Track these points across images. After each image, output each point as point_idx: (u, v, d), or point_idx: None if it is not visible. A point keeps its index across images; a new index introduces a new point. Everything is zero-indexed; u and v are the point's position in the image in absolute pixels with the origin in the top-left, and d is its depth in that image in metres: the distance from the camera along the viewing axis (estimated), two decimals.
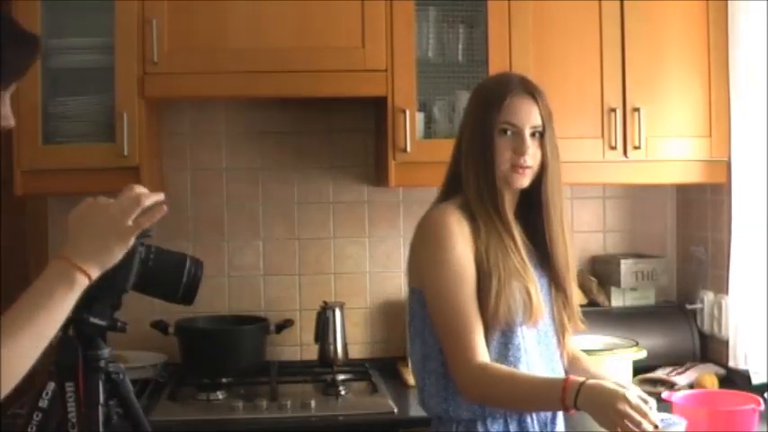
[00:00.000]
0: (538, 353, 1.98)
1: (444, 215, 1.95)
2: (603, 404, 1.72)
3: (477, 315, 1.88)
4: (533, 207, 2.00)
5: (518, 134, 1.95)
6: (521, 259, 1.94)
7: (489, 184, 1.95)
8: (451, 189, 2.02)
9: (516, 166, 1.95)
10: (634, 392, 1.75)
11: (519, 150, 1.94)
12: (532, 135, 1.96)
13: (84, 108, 2.70)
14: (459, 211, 1.95)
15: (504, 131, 1.95)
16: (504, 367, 1.88)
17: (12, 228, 3.00)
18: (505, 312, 1.89)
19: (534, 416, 1.96)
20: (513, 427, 1.94)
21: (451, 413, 1.95)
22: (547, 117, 1.97)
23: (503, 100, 1.95)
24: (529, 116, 1.95)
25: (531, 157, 1.95)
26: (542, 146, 1.96)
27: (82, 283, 1.41)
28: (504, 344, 1.93)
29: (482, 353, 1.87)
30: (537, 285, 1.95)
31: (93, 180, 2.65)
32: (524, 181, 1.96)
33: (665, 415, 1.93)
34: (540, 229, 1.99)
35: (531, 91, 1.97)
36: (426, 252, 1.96)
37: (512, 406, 1.91)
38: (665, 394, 2.31)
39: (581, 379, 1.77)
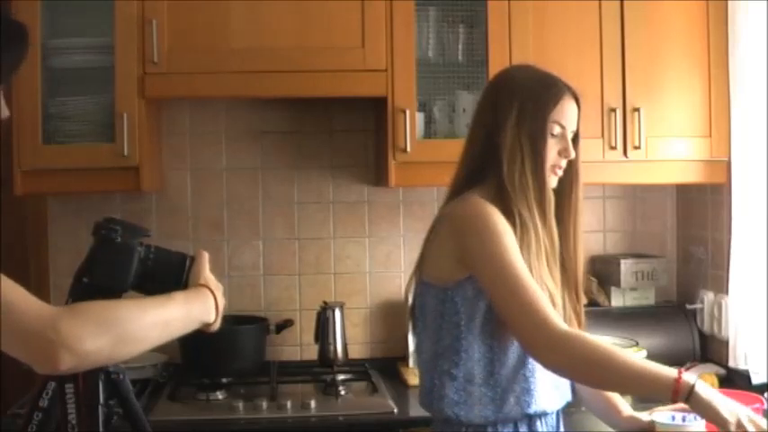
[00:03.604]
0: None
1: (481, 203, 1.88)
2: (719, 414, 1.72)
3: (541, 293, 1.82)
4: (556, 207, 1.97)
5: (563, 136, 1.95)
6: (552, 264, 1.92)
7: (540, 183, 1.92)
8: (469, 183, 1.97)
9: (555, 167, 1.95)
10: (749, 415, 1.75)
11: (565, 152, 1.94)
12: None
13: (84, 108, 2.70)
14: (487, 203, 1.89)
15: (552, 132, 1.93)
16: (597, 340, 1.81)
17: (12, 228, 3.00)
18: None
19: (543, 420, 1.94)
20: (522, 428, 1.91)
21: (462, 417, 1.89)
22: (579, 122, 1.98)
23: (558, 100, 1.93)
24: (573, 120, 1.96)
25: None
26: (576, 150, 1.97)
27: (208, 320, 1.59)
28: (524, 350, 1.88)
29: (564, 323, 1.81)
30: (559, 291, 1.93)
31: (93, 180, 2.66)
32: (555, 181, 1.97)
33: (684, 413, 1.93)
34: (563, 231, 1.97)
35: (576, 96, 1.98)
36: (475, 238, 1.86)
37: (601, 380, 1.83)
38: None
39: (692, 380, 1.74)
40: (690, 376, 1.74)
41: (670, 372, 1.75)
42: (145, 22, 2.62)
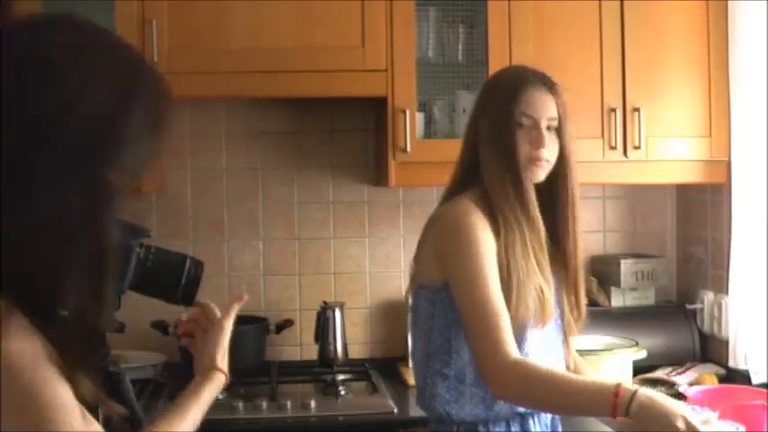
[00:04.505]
0: (543, 357, 1.93)
1: (467, 210, 1.89)
2: (661, 417, 1.68)
3: (506, 310, 1.82)
4: (551, 203, 1.96)
5: (535, 126, 1.91)
6: (542, 258, 1.90)
7: (515, 178, 1.90)
8: (463, 184, 1.98)
9: (533, 159, 1.91)
10: (692, 413, 1.71)
11: (536, 143, 1.90)
12: (548, 128, 1.92)
13: None
14: (476, 207, 1.90)
15: (521, 124, 1.91)
16: (542, 365, 1.81)
17: None
18: (524, 314, 1.85)
19: (537, 418, 1.94)
20: (515, 427, 1.92)
21: (454, 416, 1.91)
22: (563, 110, 1.94)
23: (520, 91, 1.92)
24: (545, 108, 1.92)
25: (549, 150, 1.92)
26: (560, 138, 1.93)
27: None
28: None
29: (515, 349, 1.81)
30: (550, 285, 1.91)
31: None
32: (541, 174, 1.93)
33: (694, 406, 1.94)
34: (560, 226, 1.95)
35: (548, 83, 1.94)
36: (453, 246, 1.89)
37: (548, 407, 1.86)
38: (682, 388, 2.31)
39: (634, 387, 1.72)
40: (628, 390, 1.70)
41: (609, 389, 1.72)
42: (145, 22, 2.62)
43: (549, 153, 1.92)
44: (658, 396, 1.73)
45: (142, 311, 2.68)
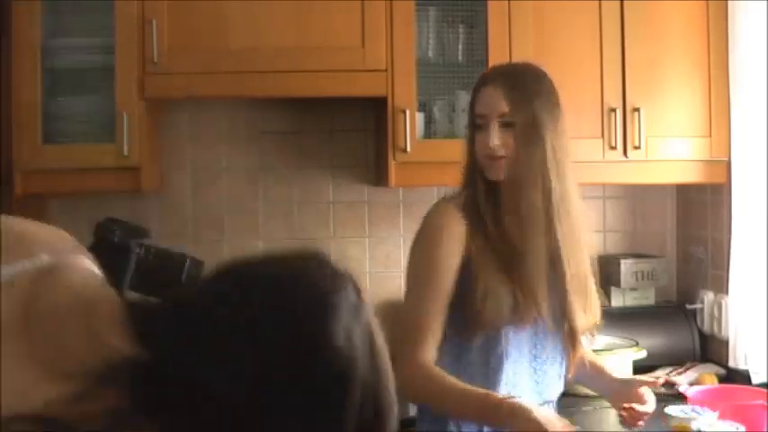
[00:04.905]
0: (528, 358, 1.94)
1: (439, 215, 1.95)
2: (526, 426, 1.73)
3: (433, 318, 1.88)
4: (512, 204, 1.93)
5: (486, 126, 1.90)
6: (504, 257, 1.88)
7: (471, 178, 1.95)
8: (462, 186, 2.01)
9: (485, 157, 1.90)
10: (558, 423, 1.75)
11: (484, 140, 1.89)
12: (507, 125, 1.88)
13: (84, 108, 2.70)
14: (458, 211, 1.92)
15: (478, 125, 1.92)
16: (440, 372, 1.86)
17: None
18: (491, 315, 1.85)
19: None
20: (487, 428, 1.92)
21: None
22: (518, 103, 1.87)
23: (476, 94, 1.95)
24: (494, 105, 1.89)
25: (502, 146, 1.87)
26: (516, 135, 1.88)
27: None
28: (486, 350, 1.91)
29: (425, 354, 1.87)
30: (527, 285, 1.88)
31: (93, 180, 2.66)
32: (498, 172, 1.90)
33: (694, 406, 1.94)
34: (523, 229, 1.89)
35: (499, 78, 1.92)
36: (413, 247, 1.99)
37: (444, 410, 1.91)
38: (682, 388, 2.31)
39: (505, 397, 1.79)
40: (497, 399, 1.79)
41: (484, 397, 1.81)
42: (145, 22, 2.62)
43: (504, 149, 1.88)
44: (529, 406, 1.77)
45: None
